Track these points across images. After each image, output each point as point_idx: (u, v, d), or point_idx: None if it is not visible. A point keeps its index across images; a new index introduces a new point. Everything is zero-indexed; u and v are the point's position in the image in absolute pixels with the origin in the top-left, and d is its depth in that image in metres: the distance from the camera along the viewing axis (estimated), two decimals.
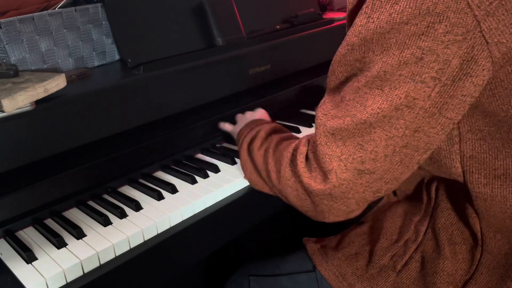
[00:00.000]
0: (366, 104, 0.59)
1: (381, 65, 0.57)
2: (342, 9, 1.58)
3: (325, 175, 0.63)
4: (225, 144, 1.05)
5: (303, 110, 1.23)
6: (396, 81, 0.56)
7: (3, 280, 0.67)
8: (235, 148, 1.02)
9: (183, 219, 0.80)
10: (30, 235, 0.77)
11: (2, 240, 0.76)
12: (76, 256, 0.69)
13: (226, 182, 0.87)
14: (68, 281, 0.67)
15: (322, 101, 0.68)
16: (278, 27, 1.18)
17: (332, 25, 1.29)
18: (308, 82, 1.23)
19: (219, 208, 0.83)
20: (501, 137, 0.61)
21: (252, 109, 1.08)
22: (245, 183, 0.89)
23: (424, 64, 0.54)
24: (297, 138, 0.78)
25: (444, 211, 0.73)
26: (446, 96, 0.56)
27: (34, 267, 0.68)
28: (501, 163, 0.62)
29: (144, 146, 0.90)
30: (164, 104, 0.93)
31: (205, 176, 0.90)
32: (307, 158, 0.67)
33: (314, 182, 0.64)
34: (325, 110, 0.65)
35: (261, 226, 0.98)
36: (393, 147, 0.59)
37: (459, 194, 0.71)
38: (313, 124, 1.11)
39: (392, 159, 0.60)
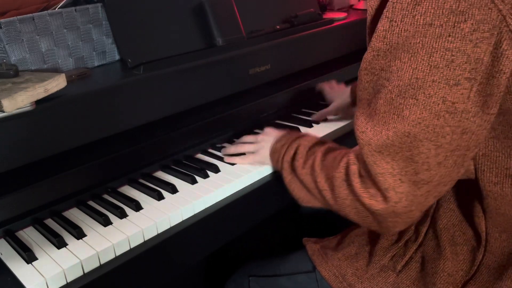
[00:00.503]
0: (403, 115, 0.57)
1: (411, 72, 0.55)
2: (342, 9, 1.58)
3: (383, 194, 0.61)
4: (226, 144, 1.05)
5: (303, 110, 1.23)
6: (430, 88, 0.55)
7: (3, 280, 0.67)
8: None
9: (183, 219, 0.80)
10: (30, 235, 0.77)
11: (2, 240, 0.76)
12: (76, 256, 0.69)
13: (226, 182, 0.87)
14: (68, 281, 0.67)
15: (355, 116, 0.66)
16: (278, 27, 1.18)
17: (332, 25, 1.29)
18: (308, 82, 1.22)
19: (219, 208, 0.83)
20: None
21: (252, 109, 1.09)
22: (245, 183, 0.89)
23: (456, 66, 0.53)
24: (338, 149, 0.76)
25: (446, 212, 0.73)
26: (485, 94, 0.55)
27: (34, 267, 0.68)
28: None
29: (144, 146, 0.90)
30: (164, 104, 0.93)
31: (205, 176, 0.90)
32: (360, 175, 0.65)
33: (375, 202, 0.63)
34: (362, 127, 0.63)
35: (261, 226, 0.98)
36: (444, 153, 0.58)
37: (465, 195, 0.70)
38: (314, 124, 1.12)
39: (446, 164, 0.59)
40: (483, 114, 0.56)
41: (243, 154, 0.94)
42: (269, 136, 0.91)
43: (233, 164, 0.94)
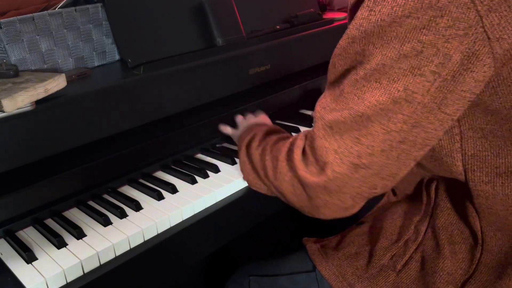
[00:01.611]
0: (364, 97, 0.58)
1: (381, 57, 0.56)
2: (342, 9, 1.58)
3: (321, 168, 0.63)
4: (225, 144, 1.05)
5: (303, 110, 1.23)
6: (395, 74, 0.56)
7: (3, 280, 0.67)
8: (235, 148, 1.02)
9: (183, 219, 0.80)
10: (30, 235, 0.77)
11: (2, 240, 0.76)
12: (76, 256, 0.69)
13: (226, 182, 0.87)
14: (68, 281, 0.67)
15: (322, 95, 0.67)
16: (278, 27, 1.18)
17: (332, 25, 1.30)
18: (308, 82, 1.23)
19: (219, 208, 0.83)
20: (502, 135, 0.61)
21: (252, 109, 1.09)
22: (245, 183, 0.89)
23: (424, 57, 0.54)
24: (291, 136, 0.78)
25: (444, 211, 0.73)
26: (446, 91, 0.55)
27: (34, 267, 0.68)
28: (503, 161, 0.62)
29: (144, 146, 0.90)
30: (164, 104, 0.93)
31: (205, 176, 0.90)
32: (303, 151, 0.66)
33: (309, 175, 0.64)
34: (324, 104, 0.65)
35: (261, 226, 0.98)
36: (390, 142, 0.59)
37: (459, 194, 0.71)
38: (313, 124, 1.11)
39: (389, 154, 0.59)
40: (438, 111, 0.57)
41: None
42: (251, 119, 0.97)
43: (233, 164, 0.93)
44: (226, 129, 1.01)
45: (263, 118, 0.98)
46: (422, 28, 0.53)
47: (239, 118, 1.02)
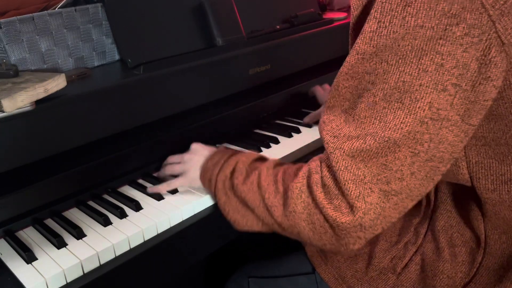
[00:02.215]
0: (387, 120, 0.54)
1: (399, 75, 0.53)
2: (342, 9, 1.58)
3: (350, 204, 0.57)
4: (225, 144, 1.05)
5: (303, 110, 1.23)
6: (417, 92, 0.52)
7: (3, 280, 0.67)
8: (235, 148, 1.02)
9: (183, 219, 0.80)
10: (30, 235, 0.77)
11: (2, 240, 0.76)
12: (76, 256, 0.69)
13: None
14: (68, 281, 0.67)
15: (321, 121, 0.63)
16: (278, 27, 1.18)
17: (332, 25, 1.29)
18: (308, 82, 1.22)
19: (219, 208, 0.83)
20: (506, 142, 0.59)
21: (252, 108, 1.09)
22: None
23: (445, 70, 0.51)
24: (287, 163, 0.72)
25: (443, 213, 0.72)
26: (468, 103, 0.53)
27: (34, 267, 0.68)
28: (508, 169, 0.61)
29: (144, 146, 0.90)
30: (164, 104, 0.93)
31: None
32: (324, 185, 0.60)
33: (340, 214, 0.58)
34: (335, 131, 0.60)
35: None
36: (419, 163, 0.55)
37: (461, 196, 0.70)
38: (313, 124, 1.11)
39: (418, 175, 0.56)
40: (462, 123, 0.54)
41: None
42: (197, 155, 0.84)
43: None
44: (171, 169, 0.87)
45: (203, 149, 0.86)
46: (439, 39, 0.50)
47: (175, 167, 0.87)
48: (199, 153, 0.85)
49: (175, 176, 0.86)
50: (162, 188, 0.84)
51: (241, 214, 0.73)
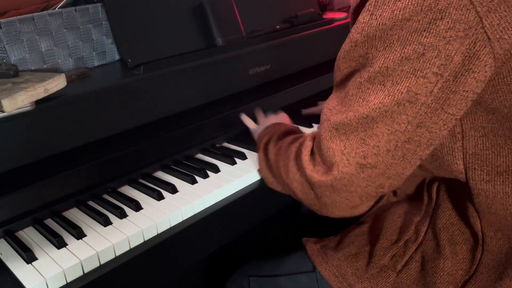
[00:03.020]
0: (369, 99, 0.59)
1: (383, 60, 0.57)
2: (342, 9, 1.58)
3: (328, 167, 0.64)
4: (225, 144, 1.05)
5: (303, 110, 1.23)
6: (398, 76, 0.57)
7: (3, 280, 0.67)
8: (235, 148, 1.02)
9: (183, 219, 0.80)
10: (30, 235, 0.77)
11: (2, 240, 0.76)
12: (76, 256, 0.69)
13: (226, 182, 0.87)
14: (68, 281, 0.67)
15: (330, 97, 0.69)
16: (278, 27, 1.18)
17: (332, 25, 1.29)
18: (308, 82, 1.22)
19: (219, 208, 0.83)
20: (503, 133, 0.62)
21: (252, 109, 1.09)
22: (245, 183, 0.89)
23: (426, 59, 0.55)
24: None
25: (445, 212, 0.73)
26: (448, 92, 0.56)
27: (34, 267, 0.68)
28: (504, 160, 0.63)
29: (144, 146, 0.90)
30: (164, 104, 0.93)
31: (205, 176, 0.90)
32: (312, 152, 0.68)
33: (316, 174, 0.65)
34: (330, 106, 0.66)
35: (262, 226, 0.98)
36: (395, 142, 0.60)
37: (460, 195, 0.71)
38: (313, 124, 1.12)
39: (395, 154, 0.61)
40: (441, 112, 0.58)
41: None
42: (271, 119, 0.98)
43: (233, 164, 0.93)
44: (247, 122, 1.03)
45: (283, 117, 0.99)
46: (423, 31, 0.54)
47: (260, 115, 1.03)
48: (274, 118, 0.99)
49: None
50: (245, 119, 1.04)
51: (268, 174, 0.83)
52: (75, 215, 0.81)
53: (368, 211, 0.91)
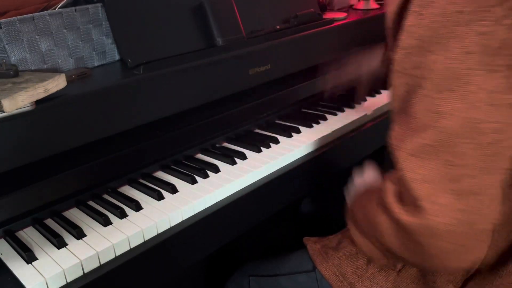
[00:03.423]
0: (440, 111, 0.53)
1: (445, 62, 0.52)
2: (342, 9, 1.58)
3: (417, 204, 0.54)
4: (225, 144, 1.05)
5: (303, 110, 1.23)
6: (465, 76, 0.51)
7: (3, 280, 0.67)
8: (235, 148, 1.02)
9: (183, 219, 0.80)
10: (30, 235, 0.77)
11: (2, 240, 0.76)
12: (76, 256, 0.69)
13: (226, 182, 0.87)
14: (68, 281, 0.67)
15: (392, 129, 0.62)
16: (278, 27, 1.18)
17: (332, 25, 1.30)
18: (308, 82, 1.23)
19: (219, 208, 0.83)
20: None
21: (252, 109, 1.09)
22: (245, 183, 0.89)
23: (492, 50, 0.50)
24: None
25: None
26: None
27: (34, 267, 0.68)
28: None
29: (144, 146, 0.90)
30: (164, 104, 0.93)
31: (205, 176, 0.90)
32: (394, 192, 0.59)
33: (406, 215, 0.56)
34: (396, 135, 0.59)
35: (262, 226, 0.98)
36: (486, 156, 0.52)
37: None
38: (313, 125, 1.12)
39: (491, 170, 0.52)
40: None
41: None
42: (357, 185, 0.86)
43: (233, 164, 0.93)
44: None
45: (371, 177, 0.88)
46: (479, 20, 0.49)
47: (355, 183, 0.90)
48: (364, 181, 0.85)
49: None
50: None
51: (364, 240, 0.73)
52: (75, 215, 0.81)
53: None
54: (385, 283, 0.76)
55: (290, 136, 1.06)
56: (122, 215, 0.79)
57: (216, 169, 0.92)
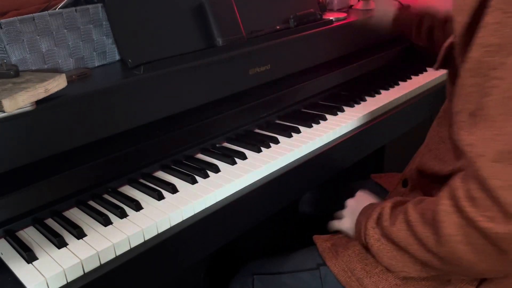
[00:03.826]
0: None
1: None
2: (342, 9, 1.58)
3: (506, 211, 0.53)
4: (225, 144, 1.05)
5: (303, 110, 1.23)
6: None
7: (3, 280, 0.67)
8: (235, 148, 1.02)
9: (183, 219, 0.81)
10: (30, 235, 0.77)
11: (3, 240, 0.76)
12: (77, 256, 0.69)
13: (226, 182, 0.87)
14: (68, 281, 0.67)
15: (455, 133, 0.59)
16: (278, 27, 1.18)
17: (332, 25, 1.30)
18: (308, 82, 1.23)
19: (219, 208, 0.83)
20: None
21: (252, 108, 1.09)
22: (245, 183, 0.89)
23: None
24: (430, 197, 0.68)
25: None
26: None
27: (34, 267, 0.68)
28: None
29: (144, 146, 0.90)
30: (164, 104, 0.93)
31: (205, 176, 0.90)
32: (471, 198, 0.56)
33: (496, 224, 0.53)
34: (466, 141, 0.56)
35: (265, 225, 0.98)
36: None
37: None
38: (313, 124, 1.12)
39: None
40: None
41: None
42: (359, 205, 0.85)
43: (233, 164, 0.94)
44: (333, 225, 0.90)
45: (363, 198, 0.88)
46: None
47: (344, 212, 0.90)
48: (360, 203, 0.84)
49: None
50: (330, 227, 0.90)
51: (396, 258, 0.71)
52: (76, 215, 0.82)
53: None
54: (393, 280, 0.74)
55: (290, 136, 1.06)
56: (123, 215, 0.79)
57: (216, 169, 0.92)
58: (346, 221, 0.86)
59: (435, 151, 0.80)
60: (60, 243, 0.72)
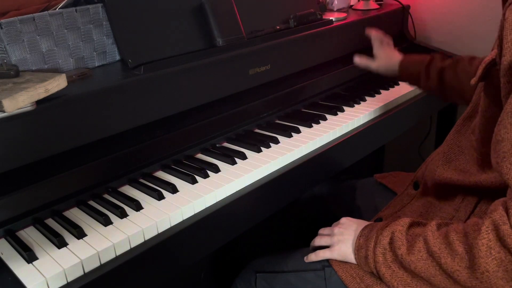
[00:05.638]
0: None
1: None
2: (342, 9, 1.58)
3: None
4: (225, 144, 1.05)
5: (303, 110, 1.23)
6: None
7: (4, 279, 0.67)
8: (235, 148, 1.02)
9: (184, 219, 0.81)
10: (30, 234, 0.77)
11: (3, 240, 0.76)
12: (77, 256, 0.69)
13: (226, 182, 0.88)
14: (68, 281, 0.67)
15: (498, 166, 0.57)
16: (278, 27, 1.18)
17: (332, 25, 1.30)
18: (308, 82, 1.23)
19: (219, 208, 0.83)
20: None
21: (252, 109, 1.09)
22: (245, 183, 0.89)
23: None
24: (451, 222, 0.66)
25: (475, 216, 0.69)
26: None
27: (34, 266, 0.68)
28: None
29: (144, 146, 0.90)
30: (164, 104, 0.93)
31: (205, 176, 0.90)
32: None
33: None
34: None
35: (267, 223, 0.98)
36: None
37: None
38: (313, 124, 1.12)
39: None
40: None
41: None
42: (348, 230, 0.82)
43: (233, 164, 0.94)
44: (324, 254, 0.84)
45: (349, 222, 0.84)
46: None
47: (327, 230, 0.87)
48: (350, 228, 0.82)
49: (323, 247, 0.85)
50: (310, 258, 0.84)
51: (412, 286, 0.69)
52: (76, 214, 0.82)
53: (385, 207, 0.88)
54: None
55: (290, 136, 1.06)
56: (123, 214, 0.79)
57: (216, 169, 0.92)
58: (338, 249, 0.81)
59: (454, 162, 0.78)
60: (60, 243, 0.72)
